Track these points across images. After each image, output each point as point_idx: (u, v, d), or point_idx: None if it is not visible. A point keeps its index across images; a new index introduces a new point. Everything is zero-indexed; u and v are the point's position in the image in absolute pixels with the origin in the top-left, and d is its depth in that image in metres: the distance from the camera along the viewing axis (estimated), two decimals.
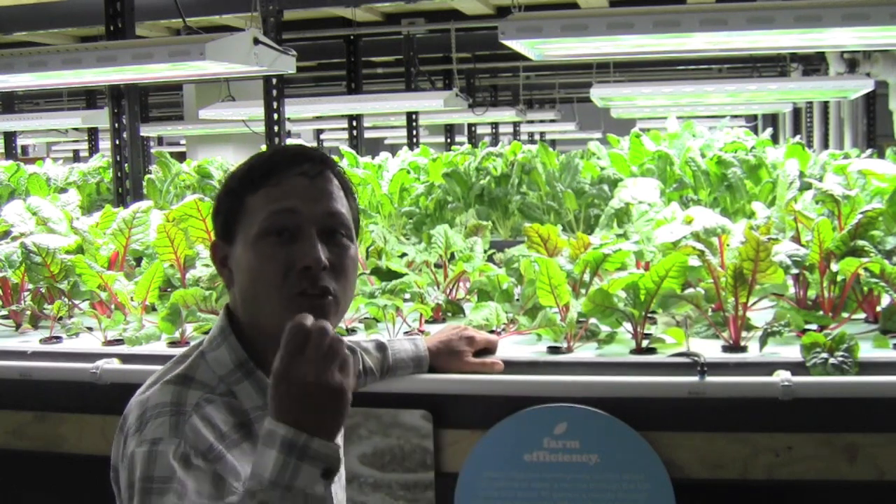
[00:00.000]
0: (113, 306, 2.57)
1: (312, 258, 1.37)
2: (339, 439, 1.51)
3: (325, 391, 1.18)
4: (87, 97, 10.53)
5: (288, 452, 1.16)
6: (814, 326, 2.20)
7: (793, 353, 2.04)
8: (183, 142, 12.88)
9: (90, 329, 2.55)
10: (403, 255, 2.83)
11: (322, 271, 1.38)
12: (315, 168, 1.44)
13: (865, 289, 2.30)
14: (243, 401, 1.38)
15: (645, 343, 2.18)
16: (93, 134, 10.07)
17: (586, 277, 2.36)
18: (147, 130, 8.81)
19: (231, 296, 1.46)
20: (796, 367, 1.97)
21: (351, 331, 2.47)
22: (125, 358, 2.28)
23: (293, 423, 1.17)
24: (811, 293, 2.36)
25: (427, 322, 2.51)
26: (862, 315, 2.37)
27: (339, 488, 1.52)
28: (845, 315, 2.31)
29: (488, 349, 2.11)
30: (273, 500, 1.15)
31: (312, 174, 1.43)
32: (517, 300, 2.44)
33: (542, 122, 14.62)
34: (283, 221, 1.39)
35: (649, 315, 2.19)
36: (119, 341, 2.41)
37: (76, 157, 15.83)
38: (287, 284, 1.37)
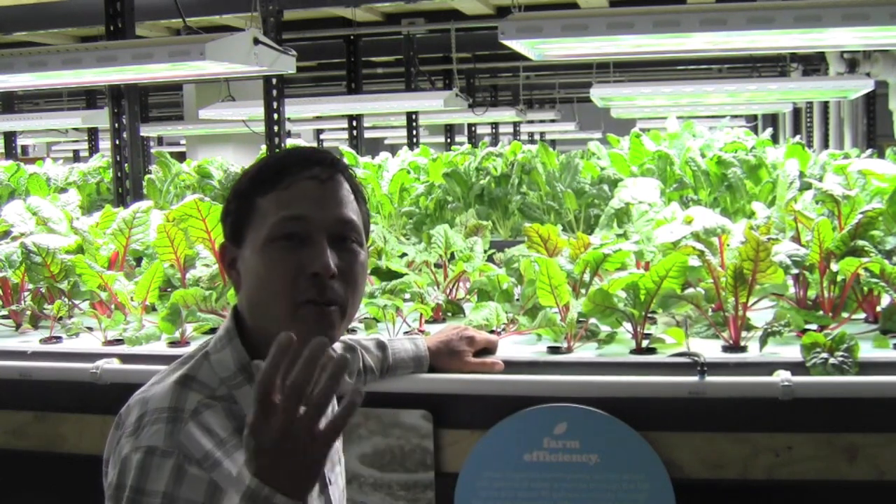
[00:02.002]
0: (113, 306, 2.57)
1: (321, 265, 1.35)
2: (339, 442, 1.51)
3: (297, 448, 1.10)
4: (87, 97, 10.53)
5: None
6: (814, 326, 2.20)
7: (793, 353, 2.04)
8: (183, 142, 12.87)
9: (90, 329, 2.55)
10: (403, 255, 2.83)
11: (331, 279, 1.36)
12: (326, 172, 1.41)
13: (865, 289, 2.30)
14: (243, 405, 1.36)
15: (645, 343, 2.18)
16: (93, 134, 10.07)
17: (586, 277, 2.36)
18: (147, 130, 8.80)
19: (239, 299, 1.44)
20: (796, 367, 1.97)
21: (351, 331, 2.46)
22: (125, 358, 2.28)
23: (260, 474, 1.11)
24: (811, 293, 2.36)
25: (427, 322, 2.51)
26: (862, 315, 2.37)
27: (338, 476, 1.52)
28: (845, 315, 2.31)
29: (488, 349, 2.11)
30: None
31: (323, 178, 1.40)
32: (517, 300, 2.44)
33: (542, 122, 14.62)
34: (292, 228, 1.36)
35: (649, 315, 2.19)
36: (119, 341, 2.41)
37: (76, 157, 15.82)
38: (294, 291, 1.35)
